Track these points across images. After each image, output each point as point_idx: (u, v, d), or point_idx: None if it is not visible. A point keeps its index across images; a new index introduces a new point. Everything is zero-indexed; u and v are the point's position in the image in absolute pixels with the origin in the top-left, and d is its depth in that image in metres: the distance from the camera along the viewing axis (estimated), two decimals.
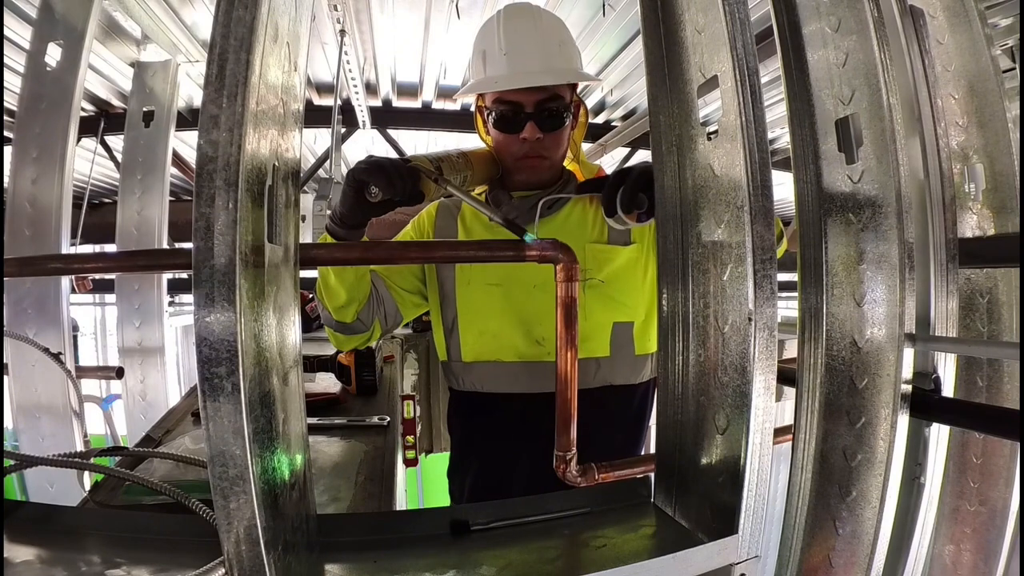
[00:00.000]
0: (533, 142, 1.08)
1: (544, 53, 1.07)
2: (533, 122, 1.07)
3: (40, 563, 0.59)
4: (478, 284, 1.15)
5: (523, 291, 1.13)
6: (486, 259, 0.90)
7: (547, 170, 1.15)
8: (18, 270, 1.05)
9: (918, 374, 0.86)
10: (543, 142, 1.09)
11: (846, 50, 0.85)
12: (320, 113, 3.46)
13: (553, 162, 1.15)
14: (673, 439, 0.74)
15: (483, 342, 1.17)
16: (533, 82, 1.05)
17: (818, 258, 0.88)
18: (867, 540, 0.84)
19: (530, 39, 1.08)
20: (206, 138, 0.46)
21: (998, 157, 1.03)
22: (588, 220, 1.18)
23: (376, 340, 1.23)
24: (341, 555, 0.62)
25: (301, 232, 0.66)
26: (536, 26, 1.10)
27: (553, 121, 1.08)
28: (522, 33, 1.08)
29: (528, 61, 1.07)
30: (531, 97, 1.06)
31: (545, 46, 1.08)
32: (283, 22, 0.56)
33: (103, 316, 7.42)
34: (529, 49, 1.07)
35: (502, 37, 1.08)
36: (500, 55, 1.07)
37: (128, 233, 2.82)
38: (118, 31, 2.64)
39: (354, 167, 0.91)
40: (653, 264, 1.15)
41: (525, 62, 1.06)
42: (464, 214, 1.21)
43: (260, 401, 0.50)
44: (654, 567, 0.59)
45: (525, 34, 1.08)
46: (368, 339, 1.18)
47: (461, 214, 1.21)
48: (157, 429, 1.26)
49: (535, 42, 1.08)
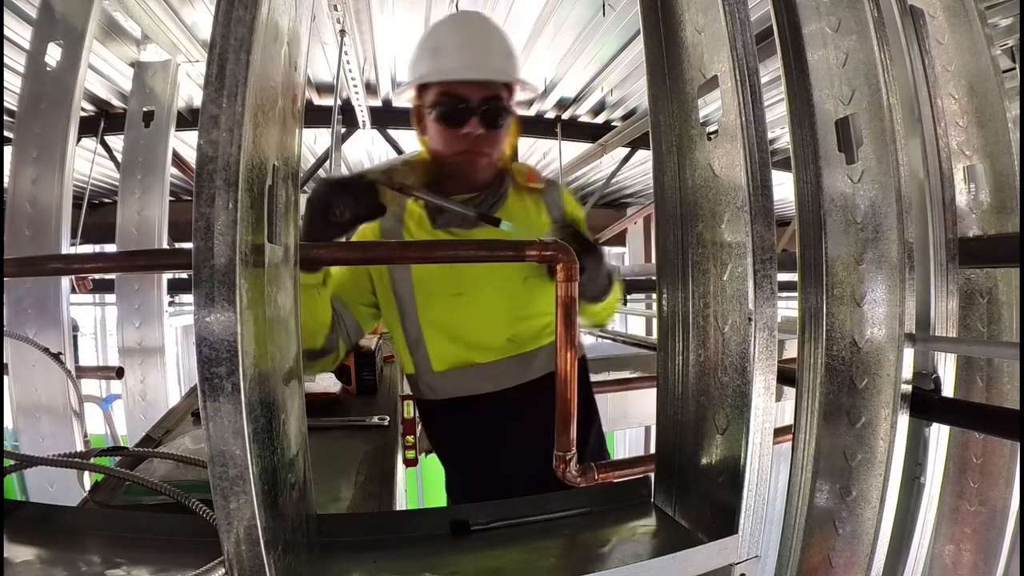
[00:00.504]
0: (475, 138, 1.09)
1: (495, 55, 1.12)
2: (477, 117, 1.08)
3: (40, 563, 0.59)
4: (441, 296, 1.15)
5: (486, 295, 1.14)
6: (486, 259, 0.90)
7: (485, 168, 1.15)
8: (18, 270, 1.05)
9: (918, 374, 0.86)
10: (485, 138, 1.10)
11: (846, 50, 0.85)
12: (320, 113, 3.46)
13: (491, 161, 1.15)
14: (673, 439, 0.74)
15: (453, 350, 1.17)
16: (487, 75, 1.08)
17: (818, 258, 0.88)
18: (867, 540, 0.84)
19: (483, 41, 1.13)
20: (206, 138, 0.46)
21: (998, 157, 1.03)
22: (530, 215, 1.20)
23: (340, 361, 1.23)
24: (341, 555, 0.62)
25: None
26: (489, 32, 1.15)
27: (496, 118, 1.10)
28: (476, 34, 1.13)
29: (480, 58, 1.10)
30: (477, 93, 1.08)
31: (496, 50, 1.13)
32: (283, 22, 0.56)
33: (103, 316, 7.42)
34: (482, 49, 1.11)
35: (457, 34, 1.12)
36: (453, 50, 1.10)
37: (128, 233, 2.82)
38: (118, 31, 2.64)
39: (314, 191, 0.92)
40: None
41: (477, 58, 1.10)
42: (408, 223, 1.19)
43: (260, 401, 0.50)
44: (654, 567, 0.59)
45: (479, 36, 1.13)
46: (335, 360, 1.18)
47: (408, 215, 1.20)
48: (157, 429, 1.26)
49: (487, 44, 1.13)
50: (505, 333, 1.17)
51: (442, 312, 1.16)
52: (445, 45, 1.11)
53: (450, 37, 1.12)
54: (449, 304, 1.15)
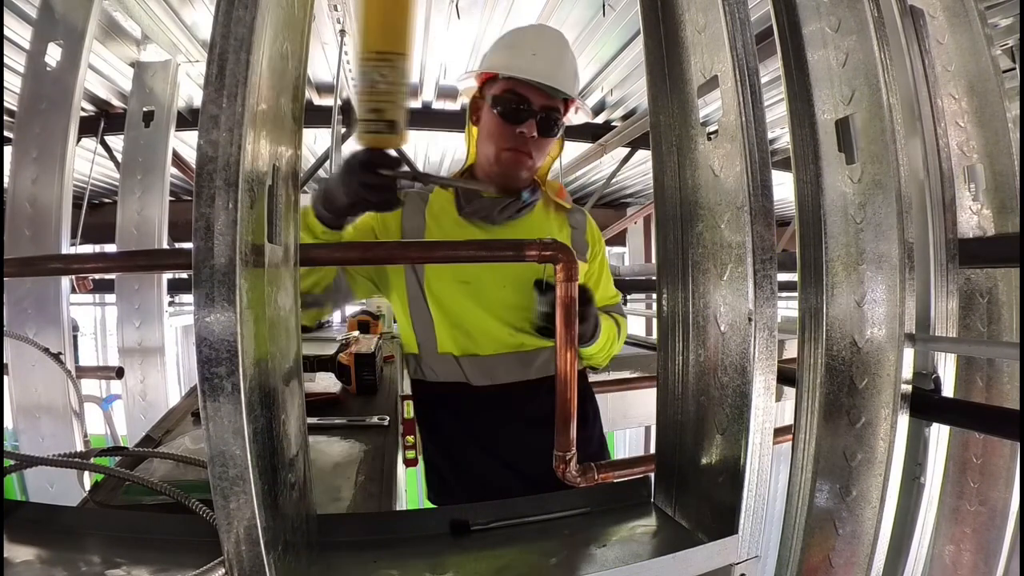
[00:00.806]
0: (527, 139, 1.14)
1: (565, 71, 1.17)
2: (535, 121, 1.13)
3: (40, 563, 0.59)
4: (448, 281, 1.18)
5: (493, 289, 1.17)
6: (486, 259, 0.90)
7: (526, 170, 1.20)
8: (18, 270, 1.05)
9: (918, 374, 0.86)
10: (535, 142, 1.15)
11: (846, 50, 0.85)
12: (320, 113, 3.46)
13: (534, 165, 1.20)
14: (673, 439, 0.74)
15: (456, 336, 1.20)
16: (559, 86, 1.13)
17: (818, 258, 0.88)
18: (867, 540, 0.84)
19: (559, 56, 1.18)
20: (206, 138, 0.46)
21: (998, 157, 1.03)
22: (553, 229, 1.25)
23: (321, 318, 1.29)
24: (341, 555, 0.62)
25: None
26: (564, 49, 1.21)
27: (550, 128, 1.16)
28: (553, 48, 1.19)
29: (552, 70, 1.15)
30: (540, 99, 1.13)
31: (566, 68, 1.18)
32: (283, 22, 0.56)
33: (103, 316, 7.41)
34: (555, 62, 1.16)
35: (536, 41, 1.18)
36: (528, 54, 1.15)
37: (128, 233, 2.82)
38: (118, 31, 2.64)
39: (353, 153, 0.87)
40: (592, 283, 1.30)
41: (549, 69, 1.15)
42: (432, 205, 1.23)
43: (260, 401, 0.50)
44: (654, 567, 0.59)
45: (556, 50, 1.18)
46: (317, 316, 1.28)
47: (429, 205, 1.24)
48: (157, 429, 1.26)
49: (560, 60, 1.18)
50: (507, 328, 1.19)
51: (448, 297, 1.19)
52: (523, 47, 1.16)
53: (529, 41, 1.17)
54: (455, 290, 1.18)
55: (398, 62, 0.78)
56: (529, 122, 1.13)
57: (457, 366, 1.20)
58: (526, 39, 1.19)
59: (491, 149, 1.17)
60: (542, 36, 1.21)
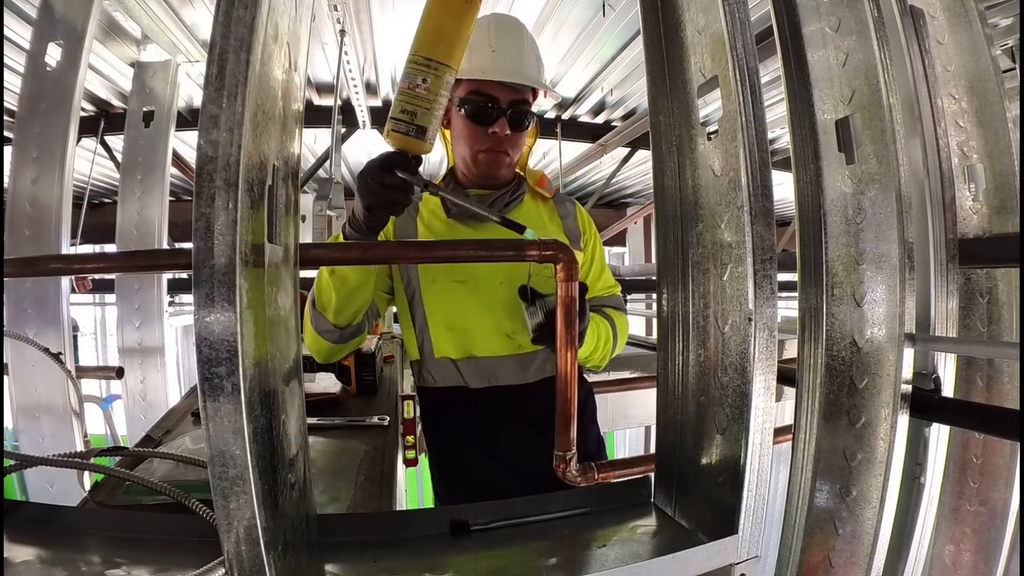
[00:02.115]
0: (500, 137, 1.13)
1: (526, 61, 1.16)
2: (505, 119, 1.12)
3: (40, 563, 0.59)
4: (444, 281, 1.18)
5: (489, 288, 1.16)
6: (486, 259, 0.90)
7: (506, 167, 1.19)
8: (18, 270, 1.05)
9: (918, 374, 0.86)
10: (509, 139, 1.15)
11: (846, 50, 0.85)
12: (320, 113, 3.46)
13: (512, 161, 1.19)
14: (673, 439, 0.74)
15: (453, 339, 1.19)
16: (523, 80, 1.12)
17: (818, 258, 0.88)
18: (867, 540, 0.84)
19: (517, 46, 1.16)
20: (206, 138, 0.46)
21: (998, 157, 1.03)
22: (544, 221, 1.24)
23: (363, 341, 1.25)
24: (341, 555, 0.62)
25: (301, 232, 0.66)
26: (523, 38, 1.18)
27: (522, 122, 1.15)
28: (511, 39, 1.16)
29: (513, 63, 1.13)
30: (507, 95, 1.12)
31: (528, 56, 1.16)
32: (283, 22, 0.56)
33: (103, 316, 7.41)
34: (515, 54, 1.14)
35: (493, 37, 1.14)
36: (488, 51, 1.13)
37: (128, 233, 2.82)
38: (118, 31, 2.64)
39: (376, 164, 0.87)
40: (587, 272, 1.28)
41: (510, 63, 1.13)
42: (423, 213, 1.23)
43: (260, 401, 0.50)
44: (654, 567, 0.59)
45: (513, 41, 1.16)
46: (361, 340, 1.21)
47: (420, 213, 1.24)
48: (157, 429, 1.26)
49: (520, 50, 1.16)
50: (504, 329, 1.18)
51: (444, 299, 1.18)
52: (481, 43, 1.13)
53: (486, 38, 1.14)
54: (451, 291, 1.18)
55: (443, 73, 0.82)
56: (500, 121, 1.12)
57: (455, 370, 1.20)
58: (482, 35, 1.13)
59: (466, 152, 1.17)
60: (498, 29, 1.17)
